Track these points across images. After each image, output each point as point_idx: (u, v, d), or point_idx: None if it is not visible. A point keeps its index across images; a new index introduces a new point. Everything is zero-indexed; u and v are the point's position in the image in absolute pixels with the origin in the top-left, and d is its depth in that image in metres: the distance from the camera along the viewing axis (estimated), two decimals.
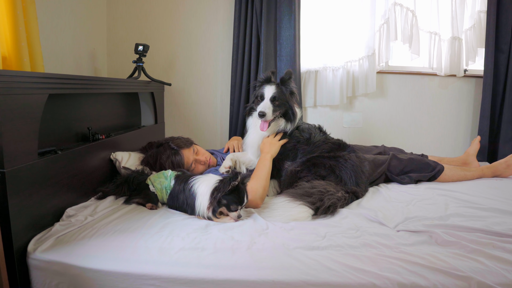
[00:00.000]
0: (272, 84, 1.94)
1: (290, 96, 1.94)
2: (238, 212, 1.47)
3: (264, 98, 1.90)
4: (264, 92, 1.91)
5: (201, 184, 1.53)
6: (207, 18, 2.88)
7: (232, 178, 1.44)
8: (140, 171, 1.78)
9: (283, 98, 1.91)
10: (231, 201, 1.45)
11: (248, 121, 2.06)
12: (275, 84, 1.94)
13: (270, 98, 1.89)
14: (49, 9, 2.14)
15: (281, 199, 1.61)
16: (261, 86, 1.95)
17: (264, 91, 1.92)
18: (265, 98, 1.90)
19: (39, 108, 1.35)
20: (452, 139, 3.03)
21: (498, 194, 1.82)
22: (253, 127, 2.01)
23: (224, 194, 1.44)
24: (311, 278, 1.12)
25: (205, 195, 1.48)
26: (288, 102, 1.93)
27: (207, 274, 1.14)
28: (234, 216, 1.47)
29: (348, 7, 2.81)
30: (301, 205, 1.55)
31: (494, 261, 1.17)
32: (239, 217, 1.47)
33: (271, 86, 1.92)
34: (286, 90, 1.92)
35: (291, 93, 1.94)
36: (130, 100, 2.41)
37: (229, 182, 1.43)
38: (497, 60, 2.76)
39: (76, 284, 1.19)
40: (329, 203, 1.57)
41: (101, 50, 2.83)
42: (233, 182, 1.43)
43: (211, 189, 1.46)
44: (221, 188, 1.44)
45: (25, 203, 1.26)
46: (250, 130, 2.05)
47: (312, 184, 1.69)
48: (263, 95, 1.91)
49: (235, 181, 1.43)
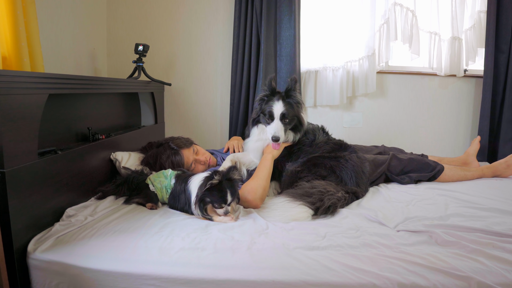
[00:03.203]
0: (279, 98, 1.85)
1: (297, 108, 1.88)
2: (224, 209, 1.48)
3: (273, 118, 1.83)
4: (273, 111, 1.83)
5: (193, 182, 1.54)
6: (207, 18, 2.88)
7: (209, 177, 1.46)
8: (140, 171, 1.78)
9: (292, 113, 1.85)
10: (213, 200, 1.46)
11: (253, 130, 1.99)
12: (281, 98, 1.85)
13: (280, 117, 1.83)
14: (49, 9, 2.14)
15: (281, 199, 1.61)
16: (268, 101, 1.87)
17: (273, 109, 1.83)
18: (275, 118, 1.83)
19: (39, 108, 1.35)
20: (452, 139, 3.03)
21: (498, 194, 1.82)
22: (257, 135, 1.97)
23: (206, 192, 1.45)
24: (311, 278, 1.12)
25: (193, 192, 1.51)
26: (298, 116, 1.88)
27: (207, 274, 1.14)
28: (221, 212, 1.48)
29: (348, 7, 2.81)
30: (301, 205, 1.54)
31: (494, 261, 1.17)
32: (226, 213, 1.48)
33: (278, 102, 1.83)
34: (293, 102, 1.86)
35: (297, 104, 1.88)
36: (130, 100, 2.41)
37: (205, 181, 1.45)
38: (497, 60, 2.76)
39: (76, 284, 1.19)
40: (329, 203, 1.57)
41: (101, 50, 2.83)
42: (210, 182, 1.44)
43: (198, 186, 1.49)
44: (202, 186, 1.46)
45: (25, 203, 1.26)
46: (253, 137, 1.99)
47: (312, 184, 1.68)
48: (272, 114, 1.83)
49: (212, 180, 1.44)
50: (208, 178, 1.46)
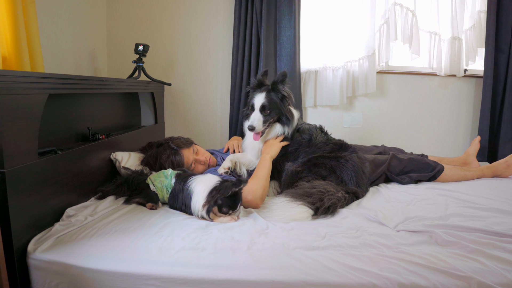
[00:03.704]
0: (263, 90, 1.87)
1: (282, 101, 1.87)
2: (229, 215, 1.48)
3: (254, 109, 1.86)
4: (254, 102, 1.86)
5: (199, 183, 1.53)
6: (207, 18, 2.88)
7: (235, 184, 1.45)
8: (140, 171, 1.77)
9: (274, 105, 1.86)
10: (225, 204, 1.46)
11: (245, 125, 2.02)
12: (266, 90, 1.87)
13: (260, 108, 1.84)
14: (49, 9, 2.13)
15: (281, 199, 1.61)
16: (253, 93, 1.91)
17: (254, 100, 1.87)
18: (255, 108, 1.86)
19: (39, 108, 1.35)
20: (452, 139, 3.03)
21: (498, 194, 1.82)
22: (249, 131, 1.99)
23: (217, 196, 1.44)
24: (311, 278, 1.12)
25: (201, 193, 1.49)
26: (280, 108, 1.88)
27: (207, 274, 1.14)
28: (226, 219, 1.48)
29: (348, 7, 2.81)
30: (301, 205, 1.54)
31: (494, 261, 1.17)
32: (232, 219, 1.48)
33: (261, 94, 1.86)
34: (276, 95, 1.86)
35: (282, 97, 1.87)
36: (130, 100, 2.41)
37: (231, 187, 1.44)
38: (497, 60, 2.76)
39: (76, 284, 1.19)
40: (329, 203, 1.57)
41: (101, 50, 2.83)
42: (234, 189, 1.43)
43: (210, 188, 1.47)
44: (221, 189, 1.44)
45: (25, 203, 1.26)
46: (247, 133, 2.03)
47: (312, 184, 1.69)
48: (253, 105, 1.87)
49: (237, 188, 1.44)
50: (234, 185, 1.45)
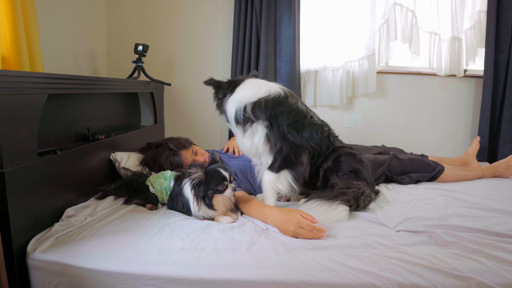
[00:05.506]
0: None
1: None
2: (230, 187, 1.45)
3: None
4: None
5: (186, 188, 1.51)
6: (207, 18, 2.87)
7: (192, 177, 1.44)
8: (139, 173, 1.77)
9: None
10: (214, 187, 1.43)
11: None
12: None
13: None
14: (49, 9, 2.13)
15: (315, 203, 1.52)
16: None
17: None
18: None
19: (39, 108, 1.34)
20: (452, 139, 3.02)
21: (498, 195, 1.81)
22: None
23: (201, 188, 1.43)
24: (311, 278, 1.12)
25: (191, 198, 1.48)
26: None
27: (207, 274, 1.14)
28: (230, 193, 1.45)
29: (348, 7, 2.81)
30: (340, 204, 1.50)
31: (494, 261, 1.17)
32: (235, 190, 1.46)
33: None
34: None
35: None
36: (130, 100, 2.41)
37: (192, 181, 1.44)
38: (497, 60, 2.75)
39: (75, 284, 1.19)
40: (364, 204, 1.57)
41: (100, 50, 2.83)
42: (195, 178, 1.43)
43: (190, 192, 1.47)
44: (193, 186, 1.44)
45: (24, 203, 1.26)
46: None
47: (347, 183, 1.63)
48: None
49: (195, 175, 1.43)
50: (192, 179, 1.44)
